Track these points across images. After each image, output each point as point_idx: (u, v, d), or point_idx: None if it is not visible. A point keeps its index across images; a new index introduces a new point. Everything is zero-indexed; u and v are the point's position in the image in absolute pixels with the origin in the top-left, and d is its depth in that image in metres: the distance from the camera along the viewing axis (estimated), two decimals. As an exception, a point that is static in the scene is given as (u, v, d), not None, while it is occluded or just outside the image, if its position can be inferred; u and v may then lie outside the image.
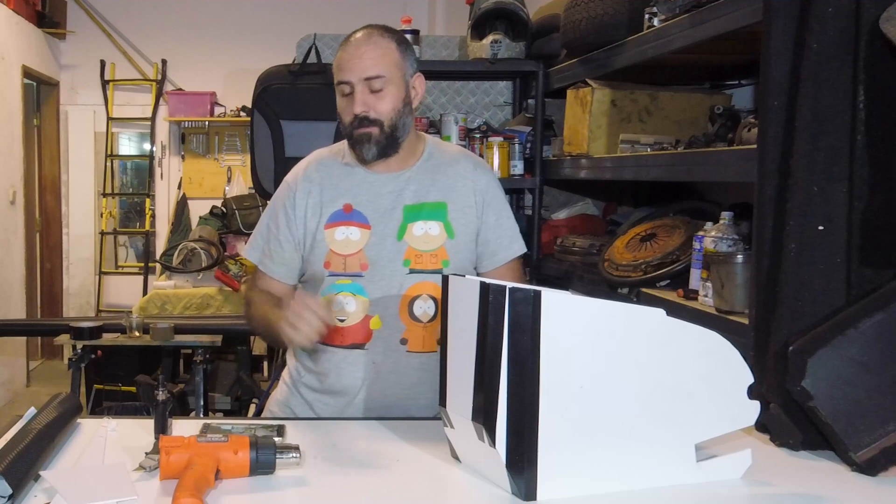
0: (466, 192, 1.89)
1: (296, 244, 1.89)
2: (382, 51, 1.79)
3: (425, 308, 1.85)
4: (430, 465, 1.46)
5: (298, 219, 1.87)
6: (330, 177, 1.88)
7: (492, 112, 4.05)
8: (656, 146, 2.68)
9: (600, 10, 2.74)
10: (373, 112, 1.78)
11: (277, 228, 1.90)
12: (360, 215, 1.85)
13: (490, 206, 1.91)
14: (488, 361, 1.31)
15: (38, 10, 6.29)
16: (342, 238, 1.84)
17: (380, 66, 1.78)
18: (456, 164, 1.91)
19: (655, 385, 1.34)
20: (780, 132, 1.58)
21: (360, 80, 1.77)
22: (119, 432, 1.58)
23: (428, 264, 1.85)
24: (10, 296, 5.76)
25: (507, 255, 1.93)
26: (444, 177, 1.89)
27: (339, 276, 1.84)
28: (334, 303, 1.83)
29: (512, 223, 1.95)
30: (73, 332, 3.55)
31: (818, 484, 1.41)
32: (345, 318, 1.84)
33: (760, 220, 1.63)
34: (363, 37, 1.81)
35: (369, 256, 1.83)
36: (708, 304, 2.14)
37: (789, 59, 1.57)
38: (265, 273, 1.93)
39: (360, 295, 1.84)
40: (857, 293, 1.53)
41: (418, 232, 1.85)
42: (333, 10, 6.44)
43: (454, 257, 1.86)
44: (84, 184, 6.90)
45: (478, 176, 1.92)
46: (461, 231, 1.88)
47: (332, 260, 1.84)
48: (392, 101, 1.79)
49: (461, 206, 1.88)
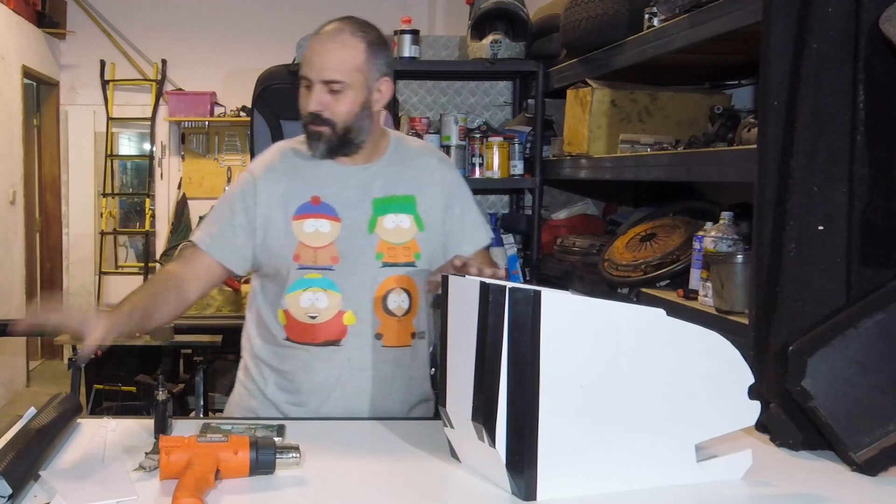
0: (433, 185, 1.89)
1: (251, 232, 1.82)
2: (347, 53, 1.75)
3: (399, 302, 1.83)
4: (430, 465, 1.46)
5: (261, 207, 1.82)
6: (296, 168, 1.84)
7: (492, 112, 4.05)
8: (656, 146, 2.68)
9: (600, 10, 2.74)
10: (327, 112, 1.76)
11: (233, 214, 1.84)
12: (328, 207, 1.82)
13: (455, 198, 1.92)
14: (488, 361, 1.31)
15: (38, 10, 6.28)
16: (311, 230, 1.80)
17: (340, 70, 1.74)
18: (421, 158, 1.91)
19: (655, 385, 1.34)
20: (780, 132, 1.58)
21: (318, 80, 1.75)
22: (119, 432, 1.58)
23: (401, 257, 1.83)
24: (10, 296, 5.76)
25: (472, 246, 1.93)
26: (412, 170, 1.88)
27: (309, 269, 1.80)
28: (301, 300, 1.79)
29: (476, 215, 1.96)
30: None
31: (818, 484, 1.41)
32: (316, 315, 1.80)
33: (760, 220, 1.63)
34: (332, 33, 1.77)
35: (340, 249, 1.80)
36: (708, 304, 2.14)
37: (789, 59, 1.57)
38: (205, 253, 1.84)
39: (331, 290, 1.80)
40: (857, 293, 1.53)
41: (389, 225, 1.83)
42: (333, 11, 6.39)
43: (425, 249, 1.86)
44: (84, 184, 6.90)
45: (443, 170, 1.93)
46: (430, 224, 1.87)
47: (301, 252, 1.80)
48: (349, 105, 1.76)
49: (429, 199, 1.88)
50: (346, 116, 1.76)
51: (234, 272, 1.86)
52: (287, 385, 1.85)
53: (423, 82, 4.02)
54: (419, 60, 3.69)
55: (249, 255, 1.85)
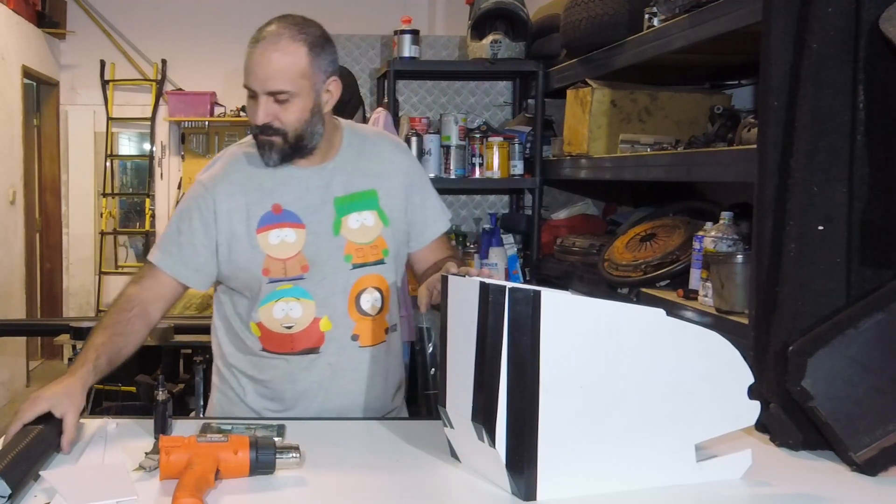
0: (392, 175, 1.85)
1: (212, 249, 1.77)
2: (289, 61, 1.67)
3: (372, 301, 1.81)
4: (430, 465, 1.46)
5: (221, 223, 1.75)
6: (251, 176, 1.77)
7: (492, 112, 4.05)
8: (656, 146, 2.68)
9: (600, 10, 2.75)
10: (277, 122, 1.69)
11: (192, 232, 1.76)
12: (291, 215, 1.76)
13: (414, 186, 1.89)
14: (488, 361, 1.31)
15: (38, 10, 6.28)
16: (277, 242, 1.75)
17: (284, 80, 1.67)
18: (377, 146, 1.87)
19: (655, 385, 1.34)
20: (780, 132, 1.58)
21: (263, 91, 1.68)
22: (119, 432, 1.58)
23: (370, 256, 1.80)
24: (10, 296, 5.76)
25: (433, 232, 1.91)
26: (369, 162, 1.84)
27: (280, 281, 1.75)
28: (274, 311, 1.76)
29: (436, 201, 1.93)
30: (73, 332, 3.55)
31: (818, 484, 1.41)
32: (292, 325, 1.77)
33: (760, 220, 1.63)
34: (271, 40, 1.68)
35: (309, 257, 1.76)
36: (708, 304, 2.14)
37: (789, 59, 1.57)
38: (165, 273, 1.77)
39: (304, 298, 1.76)
40: (857, 293, 1.53)
41: (354, 224, 1.80)
42: (333, 10, 6.42)
43: (392, 244, 1.83)
44: (84, 184, 6.90)
45: (400, 158, 1.89)
46: (394, 216, 1.84)
47: (270, 266, 1.75)
48: (297, 112, 1.69)
49: (389, 191, 1.84)
50: (297, 124, 1.70)
51: (198, 290, 1.82)
52: (268, 393, 1.82)
53: (423, 82, 4.03)
54: (419, 60, 3.69)
55: (213, 272, 1.80)
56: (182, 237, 1.78)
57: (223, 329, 1.88)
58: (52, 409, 1.47)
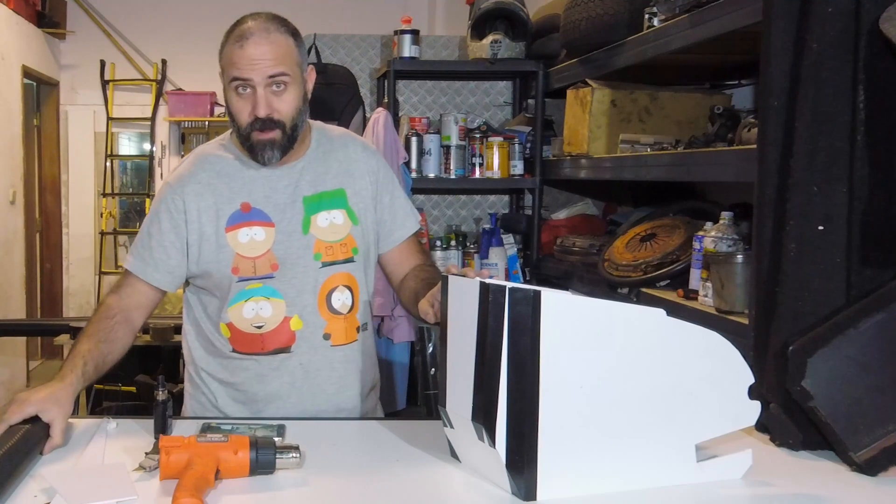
0: (360, 175, 1.86)
1: (183, 250, 1.77)
2: (284, 48, 1.70)
3: (343, 299, 1.81)
4: (430, 465, 1.46)
5: (191, 224, 1.76)
6: (220, 175, 1.78)
7: (492, 112, 4.05)
8: (656, 146, 2.68)
9: (600, 10, 2.75)
10: (276, 114, 1.70)
11: (162, 234, 1.77)
12: (260, 213, 1.77)
13: (383, 186, 1.89)
14: (488, 361, 1.31)
15: (38, 10, 6.28)
16: (246, 240, 1.75)
17: (284, 64, 1.69)
18: (345, 148, 1.88)
19: (655, 385, 1.34)
20: (780, 132, 1.58)
21: (263, 79, 1.68)
22: (119, 432, 1.58)
23: (339, 254, 1.80)
24: (10, 296, 5.76)
25: (403, 233, 1.91)
26: (337, 162, 1.85)
27: (249, 280, 1.75)
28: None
29: (404, 201, 1.93)
30: (73, 332, 3.55)
31: (818, 484, 1.41)
32: (262, 325, 1.76)
33: (760, 220, 1.62)
34: (262, 31, 1.70)
35: (278, 255, 1.76)
36: (708, 304, 2.14)
37: (789, 59, 1.57)
38: (141, 279, 1.79)
39: (274, 297, 1.76)
40: (857, 293, 1.53)
41: (323, 223, 1.80)
42: (333, 10, 6.44)
43: (362, 243, 1.84)
44: (84, 184, 6.90)
45: (368, 158, 1.89)
46: (363, 215, 1.85)
47: (240, 265, 1.75)
48: (294, 100, 1.72)
49: (358, 190, 1.85)
50: (294, 113, 1.72)
51: (170, 292, 1.83)
52: (239, 396, 1.81)
53: (423, 82, 4.03)
54: (419, 60, 3.69)
55: (184, 273, 1.80)
56: (153, 240, 1.79)
57: (193, 333, 1.87)
58: (41, 413, 1.47)
